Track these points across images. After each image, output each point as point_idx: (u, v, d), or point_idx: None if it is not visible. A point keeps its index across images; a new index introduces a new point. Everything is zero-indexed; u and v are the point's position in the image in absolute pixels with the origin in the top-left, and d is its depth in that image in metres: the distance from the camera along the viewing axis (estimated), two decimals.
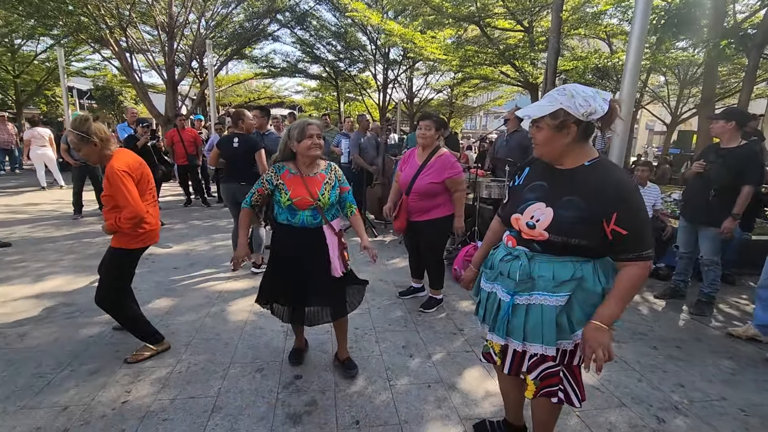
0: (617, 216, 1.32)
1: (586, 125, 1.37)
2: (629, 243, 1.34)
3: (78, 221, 6.18)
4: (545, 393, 1.57)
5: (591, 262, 1.42)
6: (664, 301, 3.78)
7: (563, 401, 1.56)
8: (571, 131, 1.37)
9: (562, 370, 1.55)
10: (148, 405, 2.14)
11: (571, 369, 1.56)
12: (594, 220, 1.35)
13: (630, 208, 1.33)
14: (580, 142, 1.40)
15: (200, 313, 3.25)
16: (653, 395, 2.37)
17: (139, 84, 12.23)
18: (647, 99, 16.35)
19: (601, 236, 1.36)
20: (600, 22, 9.43)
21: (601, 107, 1.33)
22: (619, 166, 1.49)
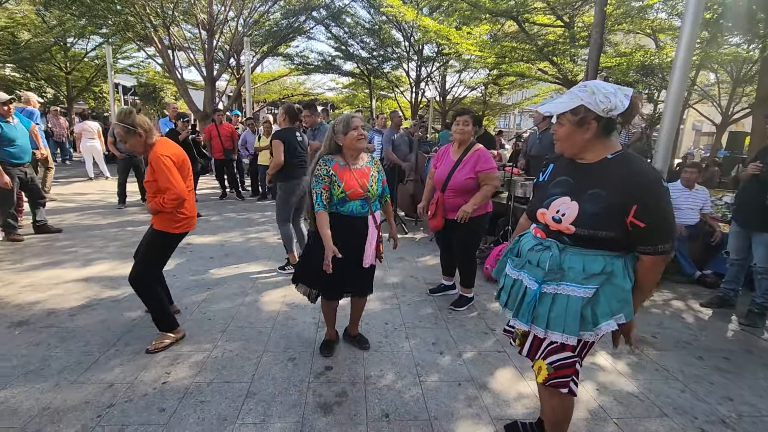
0: (636, 208, 1.34)
1: (607, 121, 1.40)
2: (646, 236, 1.36)
3: (122, 211, 6.49)
4: (556, 383, 1.57)
5: (621, 258, 1.44)
6: (711, 310, 3.57)
7: (574, 393, 1.58)
8: (592, 127, 1.41)
9: (577, 361, 1.56)
10: (186, 386, 2.22)
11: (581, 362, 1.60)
12: (616, 212, 1.37)
13: (649, 201, 1.33)
14: (601, 137, 1.43)
15: (235, 302, 3.34)
16: (698, 407, 2.25)
17: (180, 80, 12.69)
18: (695, 98, 15.49)
19: (625, 228, 1.38)
20: (646, 16, 8.99)
21: (622, 103, 1.36)
22: (642, 159, 1.47)
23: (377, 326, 3.03)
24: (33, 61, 15.80)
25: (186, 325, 2.90)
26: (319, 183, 2.26)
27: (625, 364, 2.64)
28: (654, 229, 1.35)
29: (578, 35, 9.08)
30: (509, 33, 11.94)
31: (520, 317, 1.57)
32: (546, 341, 1.57)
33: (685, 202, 4.33)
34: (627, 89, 1.38)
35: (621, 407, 2.21)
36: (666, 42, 10.60)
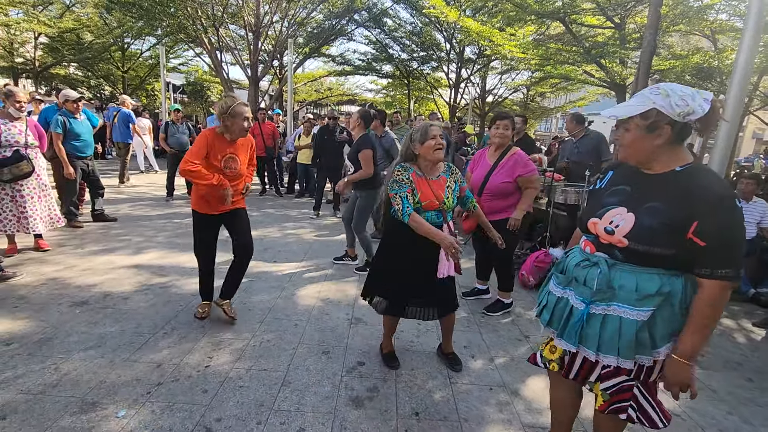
0: (697, 225, 1.22)
1: (682, 126, 1.28)
2: (707, 257, 1.23)
3: (170, 203, 6.86)
4: (615, 408, 1.48)
5: (681, 277, 1.31)
6: (765, 331, 3.35)
7: (634, 420, 1.46)
8: (664, 133, 1.28)
9: (636, 385, 1.45)
10: (227, 372, 2.34)
11: (647, 386, 1.46)
12: (675, 228, 1.25)
13: (714, 218, 1.21)
14: (673, 144, 1.31)
15: (272, 294, 3.47)
16: (743, 429, 2.13)
17: (226, 80, 13.24)
18: (757, 104, 14.46)
19: (685, 246, 1.25)
20: (705, 17, 8.48)
21: (701, 107, 1.23)
22: (715, 173, 1.36)
23: (410, 326, 3.05)
24: (94, 61, 16.98)
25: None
26: (403, 187, 2.18)
27: None
28: (716, 249, 1.22)
29: (629, 37, 8.69)
30: (555, 35, 11.61)
31: (566, 338, 1.47)
32: (599, 365, 1.46)
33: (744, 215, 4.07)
34: (706, 93, 1.27)
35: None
36: (726, 44, 9.96)
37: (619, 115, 1.33)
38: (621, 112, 1.33)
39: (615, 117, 1.35)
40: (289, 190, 8.66)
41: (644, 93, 1.31)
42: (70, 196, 4.99)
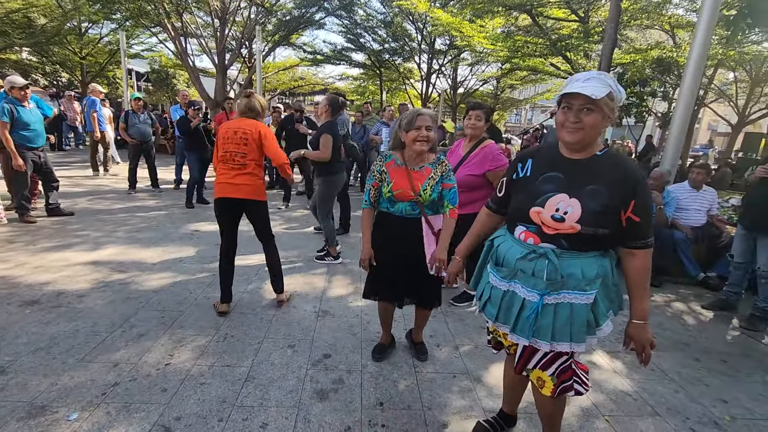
0: (634, 204, 1.34)
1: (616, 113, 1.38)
2: (640, 230, 1.37)
3: (132, 196, 6.60)
4: (564, 388, 1.55)
5: (607, 257, 1.45)
6: (712, 313, 3.56)
7: (582, 393, 1.57)
8: (613, 116, 1.36)
9: (573, 362, 1.55)
10: (188, 369, 2.29)
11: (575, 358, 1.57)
12: (616, 209, 1.35)
13: (644, 196, 1.36)
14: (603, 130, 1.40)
15: (238, 289, 3.40)
16: (691, 408, 2.26)
17: (192, 68, 12.76)
18: (712, 96, 15.18)
19: (619, 225, 1.37)
20: (664, 12, 8.80)
21: (625, 97, 1.37)
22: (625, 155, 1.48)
23: (377, 317, 3.05)
24: (47, 45, 15.98)
25: (189, 309, 2.98)
26: (370, 179, 2.21)
27: (621, 363, 2.66)
28: (646, 223, 1.37)
29: (592, 30, 8.93)
30: (523, 27, 11.78)
31: (519, 332, 1.47)
32: (540, 353, 1.52)
33: (693, 203, 4.29)
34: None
35: (613, 405, 2.23)
36: (684, 38, 10.37)
37: (596, 95, 1.27)
38: (597, 91, 1.28)
39: (594, 96, 1.27)
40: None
41: (599, 77, 1.32)
42: (20, 190, 4.72)
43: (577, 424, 2.07)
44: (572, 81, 1.35)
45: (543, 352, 1.51)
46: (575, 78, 1.36)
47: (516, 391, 1.90)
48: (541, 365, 1.53)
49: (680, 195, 4.29)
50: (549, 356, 1.51)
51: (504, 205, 1.63)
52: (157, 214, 5.59)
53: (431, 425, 1.99)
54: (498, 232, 1.64)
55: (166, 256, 4.00)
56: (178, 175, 7.47)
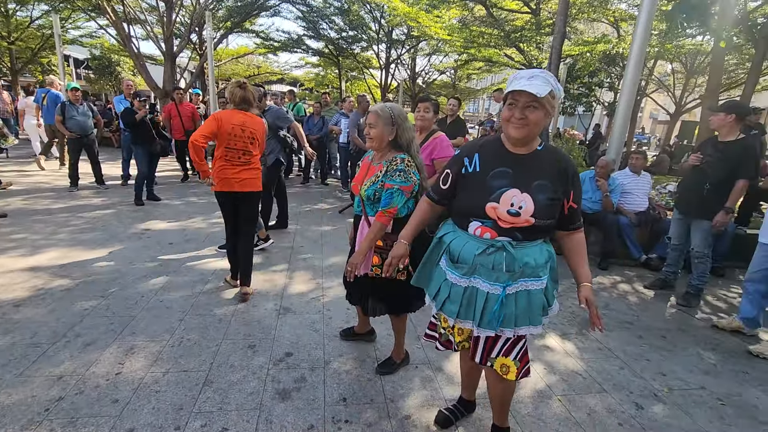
0: (573, 193, 1.49)
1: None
2: (577, 215, 1.54)
3: (74, 194, 6.16)
4: (526, 371, 1.64)
5: (548, 243, 1.58)
6: (653, 292, 3.83)
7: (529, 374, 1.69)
8: (552, 114, 1.43)
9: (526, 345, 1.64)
10: (141, 377, 2.19)
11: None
12: (560, 200, 1.47)
13: (579, 185, 1.51)
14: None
15: (195, 289, 3.29)
16: (634, 383, 2.43)
17: (137, 55, 11.99)
18: (652, 87, 16.14)
19: (561, 213, 1.50)
20: (608, 6, 9.22)
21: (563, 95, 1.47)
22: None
23: (339, 312, 3.06)
24: None
25: (141, 314, 2.84)
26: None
27: (572, 345, 2.81)
28: (580, 208, 1.54)
29: (544, 23, 9.21)
30: (478, 17, 11.95)
31: (486, 325, 1.50)
32: (501, 341, 1.57)
33: (636, 188, 4.57)
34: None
35: (565, 384, 2.36)
36: (627, 31, 10.93)
37: (541, 93, 1.31)
38: (541, 90, 1.31)
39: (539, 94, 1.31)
40: None
41: (541, 75, 1.36)
42: None
43: (532, 405, 2.17)
44: (517, 78, 1.39)
45: (503, 339, 1.57)
46: (520, 75, 1.39)
47: (473, 377, 1.98)
48: (504, 352, 1.60)
49: (624, 180, 4.56)
50: (510, 342, 1.59)
51: (447, 197, 1.65)
52: (103, 213, 5.26)
53: (394, 417, 2.03)
54: (445, 229, 1.66)
55: (114, 259, 3.78)
56: (125, 171, 7.05)
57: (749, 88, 6.92)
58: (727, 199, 3.21)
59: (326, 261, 4.07)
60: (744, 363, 2.73)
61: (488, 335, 1.54)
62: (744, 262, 3.28)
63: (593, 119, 18.08)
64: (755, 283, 2.95)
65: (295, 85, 24.10)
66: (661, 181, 6.62)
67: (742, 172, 3.15)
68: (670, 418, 2.15)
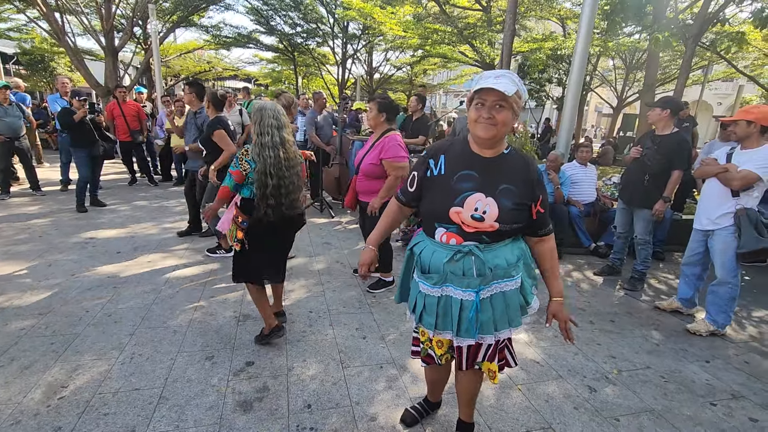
0: (541, 198, 1.47)
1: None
2: (546, 219, 1.52)
3: (6, 202, 5.66)
4: (503, 365, 1.66)
5: (518, 239, 1.54)
6: (602, 278, 4.05)
7: (511, 366, 1.70)
8: (518, 114, 1.39)
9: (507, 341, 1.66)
10: (87, 400, 2.05)
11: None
12: (527, 205, 1.44)
13: (545, 190, 1.49)
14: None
15: (146, 300, 3.12)
16: (587, 367, 2.56)
17: (73, 49, 11.15)
18: (596, 82, 17.03)
19: (529, 217, 1.47)
20: (554, 5, 9.61)
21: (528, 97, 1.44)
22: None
23: (301, 315, 3.01)
24: None
25: (87, 330, 2.66)
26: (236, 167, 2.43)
27: (529, 334, 2.91)
28: (548, 212, 1.52)
29: (495, 20, 9.46)
30: (431, 14, 12.09)
31: (464, 334, 1.46)
32: (484, 347, 1.56)
33: (584, 178, 4.81)
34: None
35: (524, 374, 2.45)
36: (573, 29, 11.45)
37: (509, 92, 1.29)
38: (509, 88, 1.29)
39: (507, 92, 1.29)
40: (165, 178, 7.79)
41: (507, 75, 1.33)
42: None
43: (494, 398, 2.23)
44: (484, 78, 1.34)
45: (486, 345, 1.56)
46: (486, 75, 1.34)
47: (439, 384, 1.98)
48: (488, 357, 1.59)
49: (572, 172, 4.77)
50: (492, 348, 1.58)
51: (415, 199, 1.61)
52: (40, 222, 4.87)
53: (360, 420, 2.02)
54: (416, 239, 1.62)
55: (54, 271, 3.51)
56: (64, 175, 6.56)
57: (681, 84, 7.46)
58: (665, 188, 3.44)
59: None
60: (683, 341, 2.95)
61: (470, 344, 1.52)
62: (681, 246, 3.53)
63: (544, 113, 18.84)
64: (691, 266, 3.19)
65: (250, 82, 23.37)
66: (606, 173, 7.01)
67: (677, 163, 3.38)
68: (620, 398, 2.28)
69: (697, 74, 14.52)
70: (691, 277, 3.21)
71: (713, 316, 2.98)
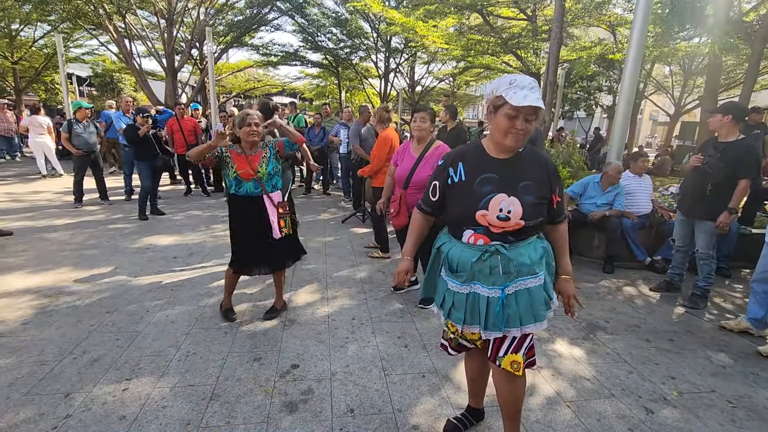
0: (558, 189, 1.56)
1: None
2: (562, 208, 1.63)
3: (79, 210, 6.21)
4: (530, 363, 1.65)
5: (542, 238, 1.62)
6: (659, 294, 3.81)
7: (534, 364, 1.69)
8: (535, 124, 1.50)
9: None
10: (148, 392, 2.19)
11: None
12: (547, 198, 1.53)
13: (560, 180, 1.59)
14: None
15: (200, 303, 3.29)
16: (643, 387, 2.41)
17: (139, 71, 12.17)
18: (651, 89, 16.19)
19: (550, 208, 1.57)
20: (604, 11, 9.30)
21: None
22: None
23: (344, 322, 3.06)
24: None
25: (147, 330, 2.85)
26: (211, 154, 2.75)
27: (580, 350, 2.79)
28: (564, 200, 1.62)
29: (540, 29, 9.29)
30: (474, 26, 12.07)
31: (492, 328, 1.53)
32: (508, 339, 1.58)
33: (639, 189, 4.57)
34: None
35: (573, 390, 2.35)
36: (624, 36, 11.01)
37: (543, 106, 1.40)
38: (542, 103, 1.39)
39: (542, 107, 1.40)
40: (218, 189, 8.23)
41: (535, 87, 1.37)
42: None
43: (541, 413, 2.15)
44: (516, 89, 1.36)
45: (510, 338, 1.58)
46: (518, 84, 1.36)
47: (479, 382, 1.95)
48: (513, 349, 1.59)
49: (626, 183, 4.55)
50: (517, 341, 1.59)
51: (439, 208, 1.67)
52: (107, 229, 5.30)
53: (402, 427, 2.01)
54: (441, 239, 1.68)
55: (118, 274, 3.80)
56: (128, 186, 7.11)
57: (748, 88, 6.94)
58: (730, 199, 3.20)
59: (330, 271, 4.08)
60: (753, 364, 2.70)
61: (496, 336, 1.57)
62: (750, 262, 3.27)
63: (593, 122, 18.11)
64: (762, 284, 2.93)
65: (296, 97, 24.29)
66: (663, 183, 6.61)
67: (743, 171, 3.15)
68: (680, 422, 2.12)
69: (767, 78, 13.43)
70: (762, 295, 2.95)
71: None
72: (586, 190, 4.52)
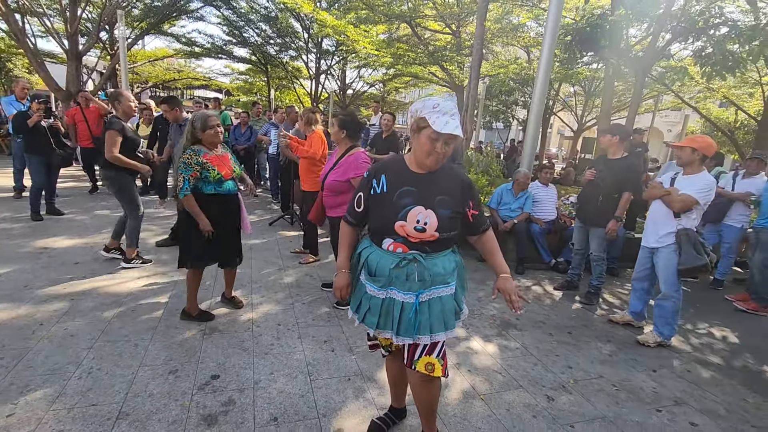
0: (472, 203, 1.66)
1: None
2: (482, 218, 1.72)
3: None
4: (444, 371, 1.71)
5: (456, 252, 1.73)
6: (561, 293, 4.25)
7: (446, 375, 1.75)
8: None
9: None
10: (40, 417, 1.96)
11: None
12: (462, 212, 1.63)
13: (476, 193, 1.69)
14: None
15: (106, 313, 3.01)
16: (546, 377, 2.69)
17: (33, 51, 10.70)
18: (559, 106, 17.92)
19: (464, 222, 1.67)
20: (519, 33, 10.15)
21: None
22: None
23: (269, 328, 3.00)
24: None
25: (40, 345, 2.55)
26: (188, 170, 2.70)
27: (494, 346, 3.02)
28: (483, 211, 1.72)
29: (464, 44, 9.87)
30: (403, 35, 12.46)
31: (404, 333, 1.61)
32: (420, 345, 1.64)
33: (545, 198, 5.06)
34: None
35: (487, 384, 2.54)
36: (536, 56, 12.12)
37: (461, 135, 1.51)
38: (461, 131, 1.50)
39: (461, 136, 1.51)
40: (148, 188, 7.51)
41: (456, 113, 1.49)
42: None
43: (458, 407, 2.30)
44: (439, 114, 1.46)
45: (423, 345, 1.65)
46: (440, 110, 1.47)
47: (400, 385, 2.05)
48: (426, 351, 1.66)
49: (535, 192, 5.02)
50: (429, 345, 1.66)
51: (363, 218, 1.74)
52: None
53: None
54: (363, 244, 1.76)
55: (5, 283, 3.33)
56: (18, 182, 6.24)
57: (633, 111, 8.00)
58: (617, 208, 3.69)
59: (255, 275, 3.96)
60: (633, 351, 3.14)
61: (408, 343, 1.64)
62: (634, 262, 3.77)
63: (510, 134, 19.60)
64: (640, 281, 3.43)
65: (221, 92, 23.08)
66: (567, 192, 7.37)
67: (626, 185, 3.65)
68: (575, 406, 2.41)
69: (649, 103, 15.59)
70: (640, 291, 3.45)
71: (660, 328, 3.20)
72: (502, 198, 4.93)
